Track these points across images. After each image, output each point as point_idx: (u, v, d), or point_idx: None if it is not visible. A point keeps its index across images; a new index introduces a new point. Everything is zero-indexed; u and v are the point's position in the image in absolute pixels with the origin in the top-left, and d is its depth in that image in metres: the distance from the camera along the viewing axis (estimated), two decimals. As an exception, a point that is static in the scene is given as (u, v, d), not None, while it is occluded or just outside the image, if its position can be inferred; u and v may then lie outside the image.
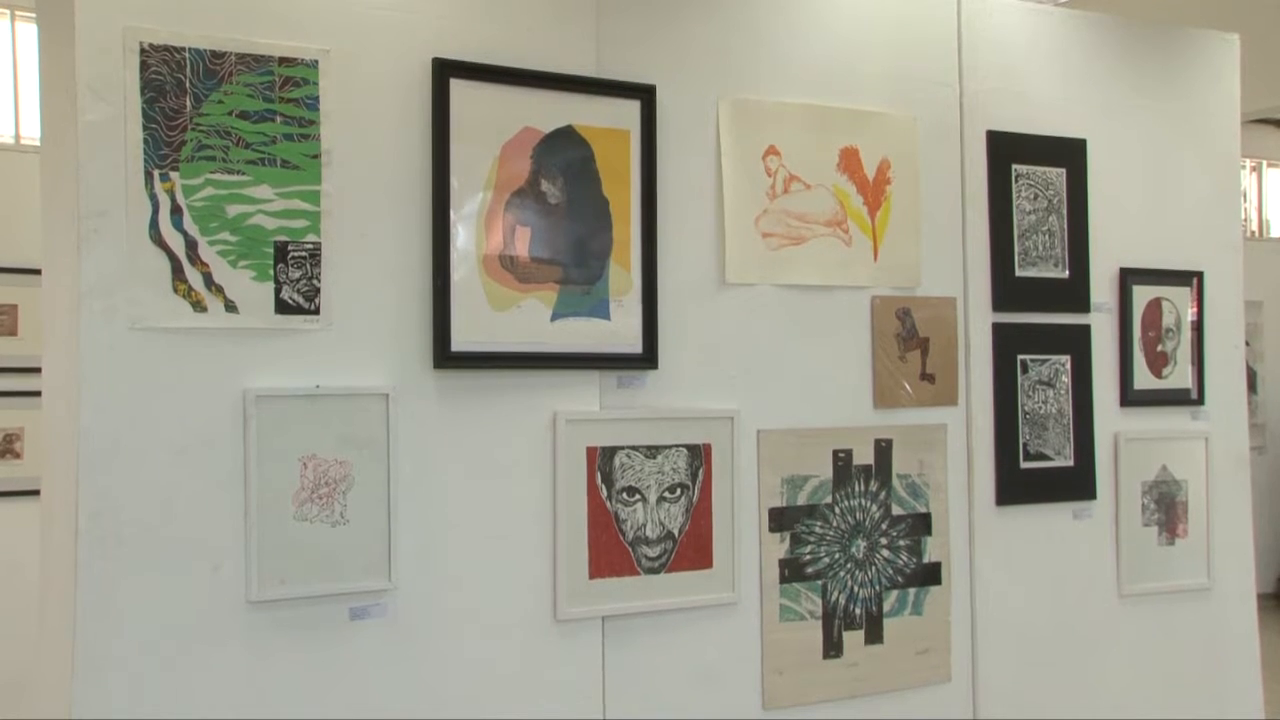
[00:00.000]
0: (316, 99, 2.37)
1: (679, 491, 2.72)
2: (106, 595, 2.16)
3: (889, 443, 3.01)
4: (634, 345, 2.67)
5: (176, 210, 2.24)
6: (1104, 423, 3.35)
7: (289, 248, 2.33)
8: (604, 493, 2.63)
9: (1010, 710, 3.17)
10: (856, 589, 2.94)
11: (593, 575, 2.61)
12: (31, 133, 5.21)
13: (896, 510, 3.01)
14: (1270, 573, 8.19)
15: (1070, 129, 3.34)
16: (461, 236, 2.49)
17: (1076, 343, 3.32)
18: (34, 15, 4.26)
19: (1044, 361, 3.26)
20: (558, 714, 2.58)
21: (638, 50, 2.74)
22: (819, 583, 2.90)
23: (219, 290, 2.27)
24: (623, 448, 2.66)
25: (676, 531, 2.71)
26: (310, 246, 2.35)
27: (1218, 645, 3.52)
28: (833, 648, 2.90)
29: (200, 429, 2.24)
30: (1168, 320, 3.48)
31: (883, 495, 2.99)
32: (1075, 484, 3.31)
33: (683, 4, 2.81)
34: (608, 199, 2.66)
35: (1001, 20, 3.27)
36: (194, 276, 2.25)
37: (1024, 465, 3.22)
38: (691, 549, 2.73)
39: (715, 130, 2.83)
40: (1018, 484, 3.20)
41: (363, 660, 2.38)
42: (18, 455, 4.84)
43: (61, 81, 2.32)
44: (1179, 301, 3.50)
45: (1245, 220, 8.72)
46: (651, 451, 2.69)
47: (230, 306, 2.28)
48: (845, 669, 2.92)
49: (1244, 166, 8.69)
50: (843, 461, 2.94)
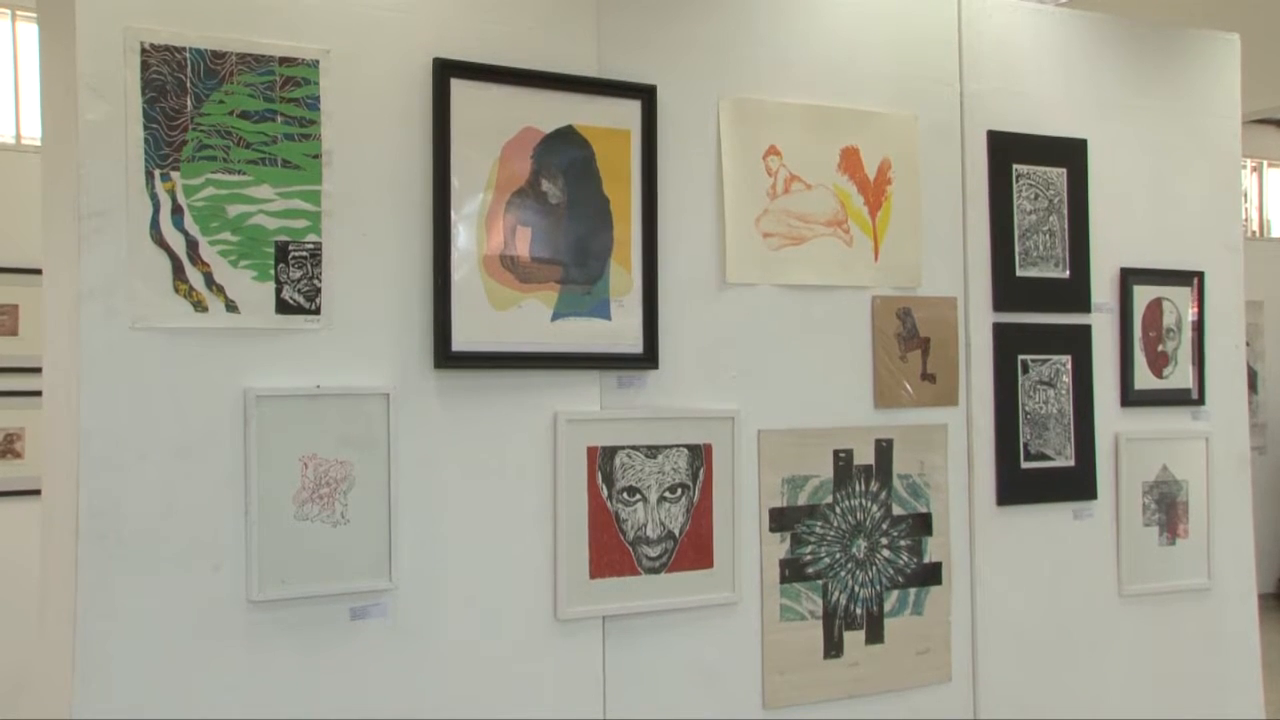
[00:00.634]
0: (317, 99, 2.37)
1: (679, 491, 2.72)
2: (106, 595, 2.15)
3: (889, 443, 3.01)
4: (634, 345, 2.67)
5: (177, 210, 2.24)
6: (1105, 423, 3.35)
7: (290, 248, 2.33)
8: (604, 492, 2.63)
9: (1010, 710, 3.17)
10: (857, 589, 2.94)
11: (593, 575, 2.61)
12: (32, 132, 5.21)
13: (897, 510, 3.01)
14: (1270, 573, 8.19)
15: (1071, 129, 3.34)
16: (462, 236, 2.49)
17: (1077, 343, 3.32)
18: (35, 15, 4.26)
19: (1045, 361, 3.26)
20: (558, 714, 2.58)
21: (638, 50, 2.73)
22: (819, 583, 2.90)
23: (220, 290, 2.27)
24: (623, 447, 2.66)
25: (677, 531, 2.71)
26: (311, 246, 2.35)
27: (1218, 645, 3.52)
28: (833, 648, 2.90)
29: (201, 429, 2.24)
30: (1168, 320, 3.48)
31: (883, 495, 2.99)
32: (1076, 484, 3.30)
33: (683, 4, 2.81)
34: (608, 199, 2.66)
35: (1002, 20, 3.27)
36: (195, 276, 2.25)
37: (1024, 465, 3.22)
38: (692, 549, 2.73)
39: (716, 130, 2.82)
40: (1018, 484, 3.20)
41: (363, 660, 2.38)
42: (18, 455, 4.84)
43: (62, 81, 2.32)
44: (1179, 301, 3.50)
45: (1245, 220, 8.72)
46: (652, 451, 2.69)
47: (231, 306, 2.28)
48: (846, 669, 2.92)
49: (1244, 166, 8.69)
50: (843, 461, 2.94)
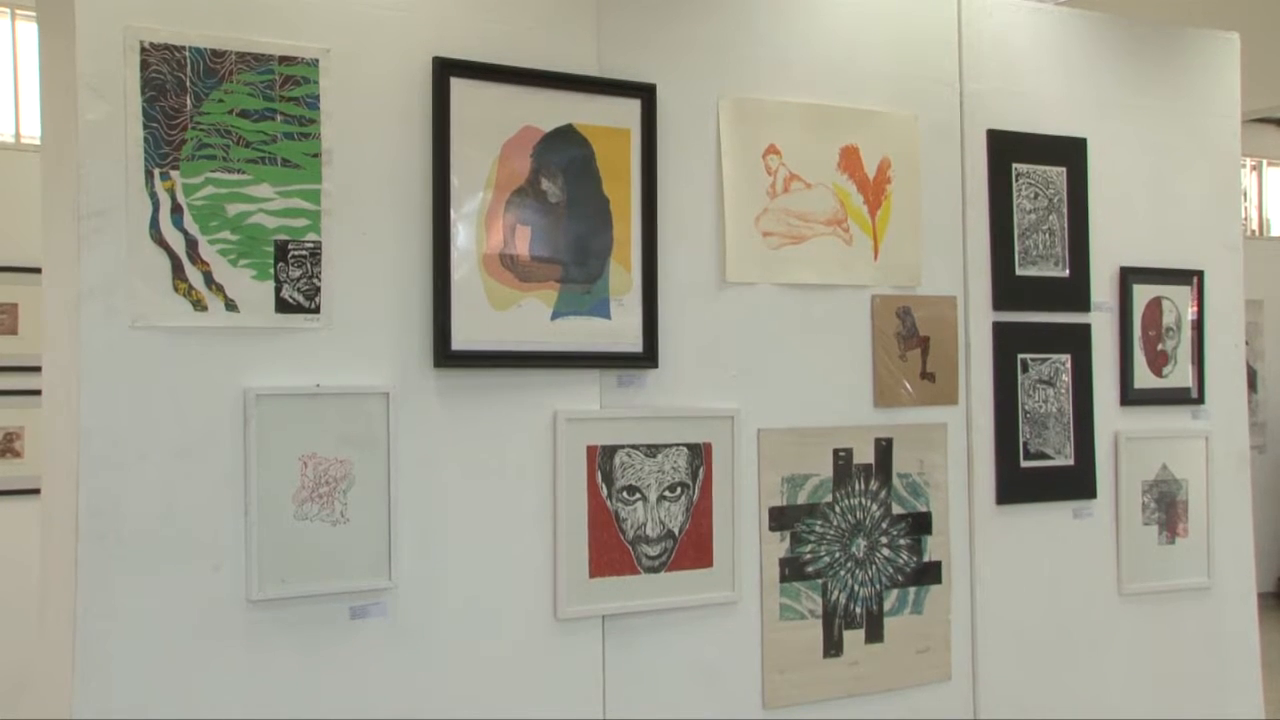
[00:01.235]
0: (317, 98, 2.37)
1: (679, 490, 2.72)
2: (106, 595, 2.15)
3: (889, 442, 3.01)
4: (634, 344, 2.67)
5: (177, 209, 2.24)
6: (1104, 422, 3.35)
7: (289, 246, 2.33)
8: (604, 492, 2.63)
9: (1010, 709, 3.17)
10: (857, 588, 2.94)
11: (593, 574, 2.61)
12: (31, 132, 5.20)
13: (897, 509, 3.01)
14: (1270, 572, 8.19)
15: (1070, 128, 3.34)
16: (462, 235, 2.49)
17: (1077, 342, 3.32)
18: (34, 14, 4.25)
19: (1044, 360, 3.26)
20: (558, 713, 2.58)
21: (638, 49, 2.73)
22: (819, 582, 2.89)
23: (219, 289, 2.27)
24: (623, 447, 2.66)
25: (677, 530, 2.71)
26: (311, 245, 2.35)
27: (1218, 644, 3.52)
28: (833, 647, 2.90)
29: (200, 428, 2.24)
30: (1168, 319, 3.48)
31: (883, 494, 2.99)
32: (1075, 483, 3.30)
33: (683, 3, 2.81)
34: (608, 198, 2.66)
35: (1001, 19, 3.26)
36: (194, 275, 2.25)
37: (1024, 464, 3.22)
38: (692, 548, 2.73)
39: (715, 129, 2.82)
40: (1018, 483, 3.20)
41: (363, 659, 2.38)
42: (18, 454, 4.84)
43: (62, 80, 2.32)
44: (1179, 300, 3.50)
45: (1245, 220, 8.72)
46: (652, 450, 2.69)
47: (230, 305, 2.28)
48: (845, 668, 2.92)
49: (1244, 166, 8.68)
50: (843, 460, 2.94)
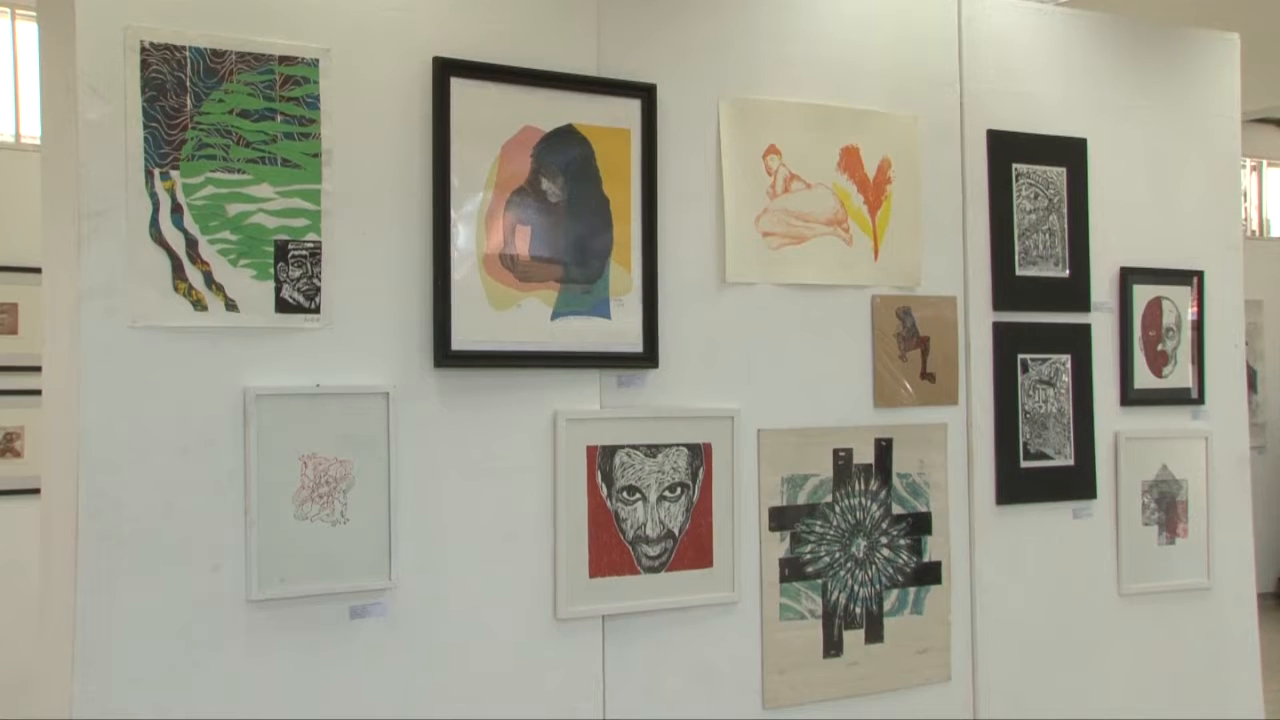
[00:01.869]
0: (317, 98, 2.37)
1: (679, 491, 2.72)
2: (106, 595, 2.15)
3: (889, 442, 3.01)
4: (634, 344, 2.67)
5: (177, 209, 2.24)
6: (1104, 422, 3.35)
7: (289, 246, 2.33)
8: (604, 492, 2.63)
9: (1010, 710, 3.17)
10: (857, 588, 2.94)
11: (593, 574, 2.61)
12: (31, 132, 5.20)
13: (897, 509, 3.01)
14: (1270, 573, 8.19)
15: (1071, 128, 3.34)
16: (462, 235, 2.49)
17: (1077, 342, 3.32)
18: (34, 14, 4.25)
19: (1044, 361, 3.26)
20: (558, 713, 2.58)
21: (638, 49, 2.73)
22: (819, 582, 2.89)
23: (219, 289, 2.27)
24: (623, 447, 2.66)
25: (677, 530, 2.71)
26: (311, 245, 2.35)
27: (1218, 645, 3.52)
28: (833, 647, 2.90)
29: (200, 428, 2.24)
30: (1168, 319, 3.48)
31: (883, 494, 2.99)
32: (1075, 483, 3.30)
33: (683, 3, 2.81)
34: (608, 198, 2.66)
35: (1002, 20, 3.26)
36: (194, 275, 2.25)
37: (1024, 464, 3.22)
38: (692, 548, 2.73)
39: (716, 129, 2.82)
40: (1018, 483, 3.20)
41: (363, 659, 2.38)
42: (18, 454, 4.84)
43: (62, 80, 2.32)
44: (1179, 301, 3.50)
45: (1245, 220, 8.72)
46: (652, 451, 2.69)
47: (230, 305, 2.28)
48: (845, 668, 2.92)
49: (1244, 166, 8.69)
50: (843, 461, 2.94)
